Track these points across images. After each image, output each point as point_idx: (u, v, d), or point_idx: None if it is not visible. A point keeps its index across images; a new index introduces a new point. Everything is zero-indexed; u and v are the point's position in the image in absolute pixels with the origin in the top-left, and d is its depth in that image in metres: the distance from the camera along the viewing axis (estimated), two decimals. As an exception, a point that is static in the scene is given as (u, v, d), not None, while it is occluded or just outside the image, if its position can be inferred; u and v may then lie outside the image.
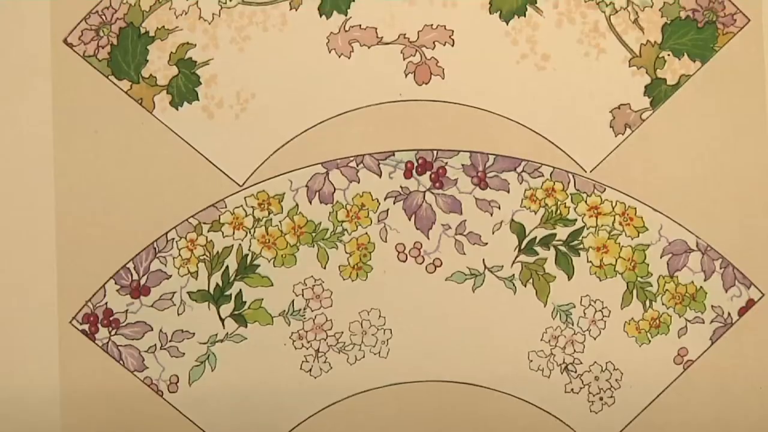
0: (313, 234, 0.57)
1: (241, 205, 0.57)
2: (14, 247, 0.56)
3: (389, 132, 0.57)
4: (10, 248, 0.56)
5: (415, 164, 0.57)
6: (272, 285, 0.57)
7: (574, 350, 0.57)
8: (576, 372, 0.57)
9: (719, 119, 0.57)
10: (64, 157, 0.57)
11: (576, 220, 0.57)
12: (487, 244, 0.57)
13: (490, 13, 0.57)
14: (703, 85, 0.57)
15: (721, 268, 0.57)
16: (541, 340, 0.57)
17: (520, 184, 0.57)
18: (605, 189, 0.57)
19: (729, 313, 0.57)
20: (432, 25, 0.57)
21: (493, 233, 0.57)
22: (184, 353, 0.57)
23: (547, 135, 0.57)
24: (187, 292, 0.57)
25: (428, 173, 0.57)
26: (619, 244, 0.57)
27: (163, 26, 0.57)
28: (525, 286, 0.57)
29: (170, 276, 0.57)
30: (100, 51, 0.57)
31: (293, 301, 0.57)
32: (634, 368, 0.57)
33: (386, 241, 0.57)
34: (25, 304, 0.56)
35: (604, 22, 0.57)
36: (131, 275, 0.56)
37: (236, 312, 0.57)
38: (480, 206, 0.57)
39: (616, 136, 0.57)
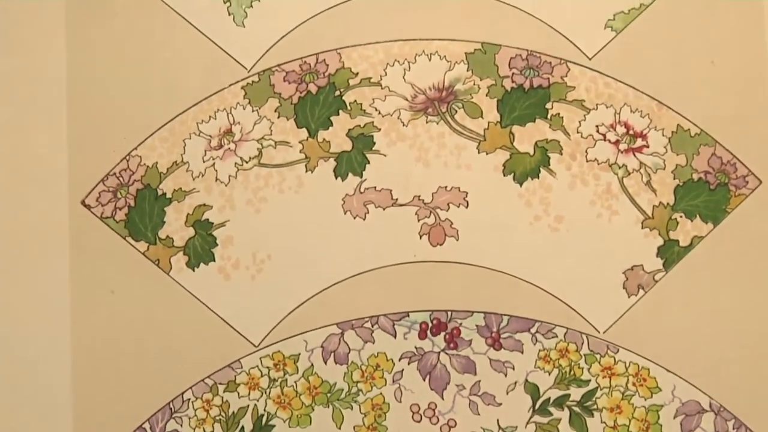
0: (328, 394, 0.57)
1: (257, 366, 0.57)
2: (30, 406, 0.57)
3: (404, 293, 0.57)
4: (26, 407, 0.57)
5: (430, 325, 0.57)
6: (287, 445, 0.57)
7: None
8: None
9: (732, 281, 0.57)
10: (81, 318, 0.57)
11: (590, 380, 0.57)
12: (501, 404, 0.57)
13: (504, 175, 0.58)
14: (715, 246, 0.57)
15: (734, 429, 0.57)
16: (555, 500, 0.57)
17: (534, 344, 0.57)
18: (618, 350, 0.57)
19: (742, 474, 0.57)
20: (446, 186, 0.58)
21: (507, 394, 0.57)
22: None
23: (560, 296, 0.57)
24: (203, 453, 0.57)
25: (443, 334, 0.57)
26: (633, 404, 0.57)
27: (180, 188, 0.58)
28: (539, 446, 0.57)
29: (186, 436, 0.57)
30: (118, 212, 0.57)
31: (308, 461, 0.57)
32: None
33: (401, 402, 0.57)
34: (42, 464, 0.57)
35: (617, 184, 0.58)
36: (147, 436, 0.57)
37: (251, 472, 0.57)
38: (494, 367, 0.57)
39: (629, 297, 0.57)
